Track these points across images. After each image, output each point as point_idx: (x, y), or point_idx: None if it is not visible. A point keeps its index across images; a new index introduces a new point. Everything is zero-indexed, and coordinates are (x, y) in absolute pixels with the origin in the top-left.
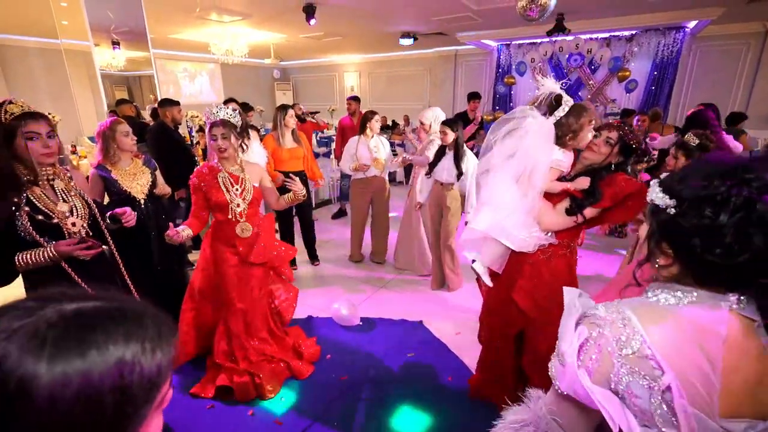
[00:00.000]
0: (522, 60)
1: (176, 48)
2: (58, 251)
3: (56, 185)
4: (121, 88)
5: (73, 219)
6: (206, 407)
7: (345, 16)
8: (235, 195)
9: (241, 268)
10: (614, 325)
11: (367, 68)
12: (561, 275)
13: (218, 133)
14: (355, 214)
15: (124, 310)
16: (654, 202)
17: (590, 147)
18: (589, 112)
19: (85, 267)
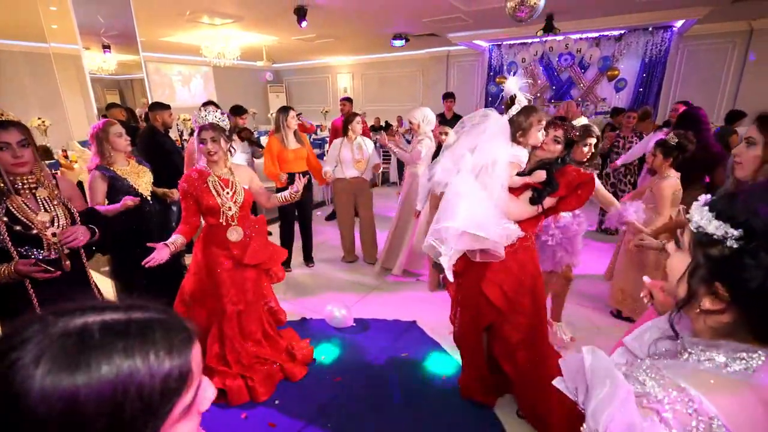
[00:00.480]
0: (513, 60)
1: (168, 51)
2: (17, 270)
3: (38, 194)
4: (112, 92)
5: (53, 229)
6: None
7: (336, 18)
8: (226, 198)
9: (235, 271)
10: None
11: (360, 69)
12: (527, 266)
13: (207, 137)
14: (340, 213)
15: (129, 323)
16: (705, 230)
17: (541, 147)
18: (537, 113)
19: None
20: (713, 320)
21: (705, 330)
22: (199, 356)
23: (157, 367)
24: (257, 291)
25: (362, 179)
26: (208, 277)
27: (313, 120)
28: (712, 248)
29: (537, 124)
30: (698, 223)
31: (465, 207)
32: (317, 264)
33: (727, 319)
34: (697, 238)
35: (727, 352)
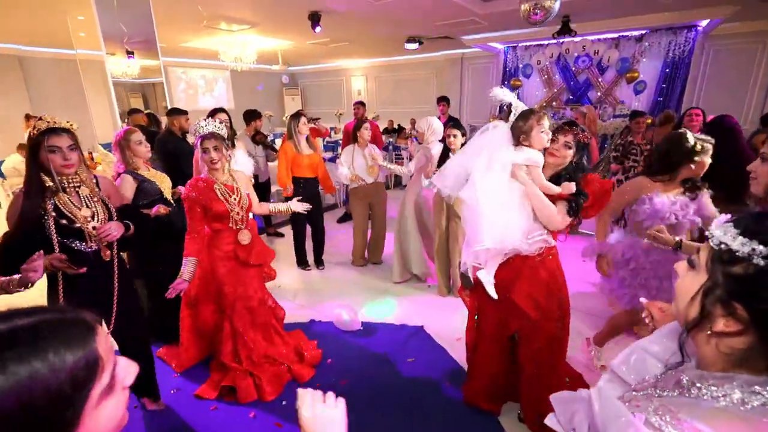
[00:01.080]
0: (528, 62)
1: (189, 56)
2: (51, 263)
3: (81, 192)
4: (136, 96)
5: (94, 223)
6: (210, 408)
7: (350, 23)
8: (234, 204)
9: (238, 271)
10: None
11: (374, 72)
12: (555, 274)
13: (210, 146)
14: (356, 221)
15: (15, 331)
16: (728, 246)
17: (551, 153)
18: (535, 115)
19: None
20: (726, 345)
21: (714, 356)
22: (105, 341)
23: (60, 363)
24: (259, 289)
25: (377, 184)
26: (213, 279)
27: (328, 122)
28: (735, 266)
29: (537, 125)
30: (721, 239)
31: (487, 224)
32: (328, 266)
33: (741, 344)
34: (718, 255)
35: (742, 386)
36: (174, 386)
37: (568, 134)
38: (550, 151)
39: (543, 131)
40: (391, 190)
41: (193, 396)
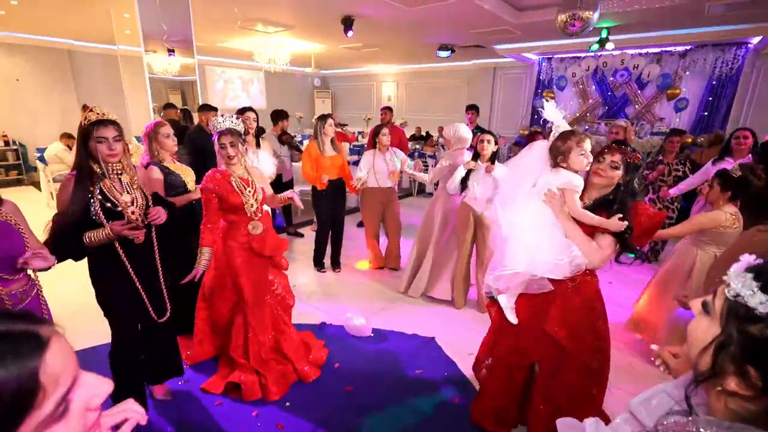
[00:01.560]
0: (563, 74)
1: (226, 56)
2: (113, 230)
3: (123, 179)
4: (175, 93)
5: (133, 208)
6: (215, 403)
7: (382, 28)
8: (249, 196)
9: (251, 263)
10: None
11: (405, 79)
12: (590, 300)
13: (227, 142)
14: (369, 224)
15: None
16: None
17: (596, 172)
18: (575, 136)
19: (131, 250)
20: (736, 404)
21: (724, 413)
22: (59, 360)
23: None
24: (271, 281)
25: (392, 189)
26: (227, 270)
27: (356, 127)
28: (751, 325)
29: (577, 147)
30: (737, 291)
31: (519, 247)
32: (344, 270)
33: (753, 407)
34: (733, 309)
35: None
36: (183, 377)
37: (615, 154)
38: (595, 170)
39: (582, 153)
40: (414, 197)
41: (200, 389)
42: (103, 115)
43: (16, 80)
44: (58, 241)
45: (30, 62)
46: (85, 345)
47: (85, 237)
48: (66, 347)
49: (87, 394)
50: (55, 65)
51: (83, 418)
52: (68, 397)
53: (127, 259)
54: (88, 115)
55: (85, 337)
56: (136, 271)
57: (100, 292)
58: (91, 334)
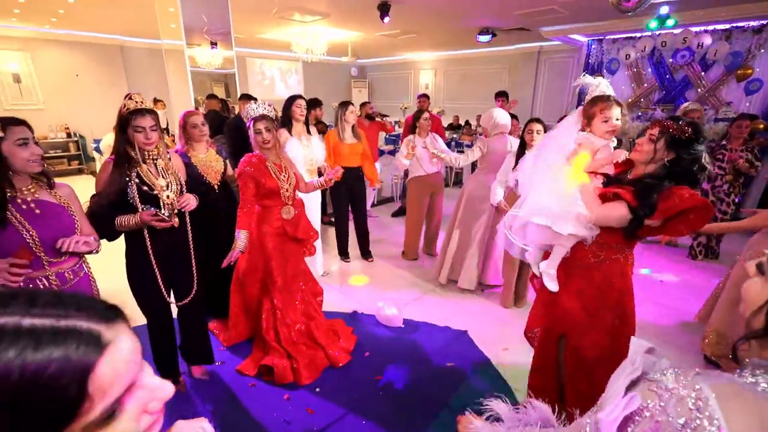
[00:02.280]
0: (615, 57)
1: (265, 47)
2: (142, 219)
3: (158, 164)
4: (219, 85)
5: (168, 192)
6: (248, 385)
7: (420, 13)
8: (283, 181)
9: (285, 247)
10: (683, 403)
11: (443, 66)
12: (613, 279)
13: (262, 127)
14: (412, 212)
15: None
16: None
17: (635, 148)
18: (603, 101)
19: (162, 236)
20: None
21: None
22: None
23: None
24: (300, 263)
25: (439, 174)
26: (260, 253)
27: (392, 116)
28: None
29: (600, 114)
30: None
31: (532, 197)
32: (377, 259)
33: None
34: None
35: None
36: (220, 358)
37: (655, 127)
38: (636, 145)
39: (606, 120)
40: (450, 187)
41: (235, 370)
42: (142, 103)
43: (76, 75)
44: (93, 221)
45: (88, 58)
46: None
47: (117, 219)
48: (127, 347)
49: (145, 398)
50: (109, 60)
51: (136, 422)
52: (122, 399)
53: (156, 245)
54: (128, 103)
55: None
56: (164, 257)
57: (128, 274)
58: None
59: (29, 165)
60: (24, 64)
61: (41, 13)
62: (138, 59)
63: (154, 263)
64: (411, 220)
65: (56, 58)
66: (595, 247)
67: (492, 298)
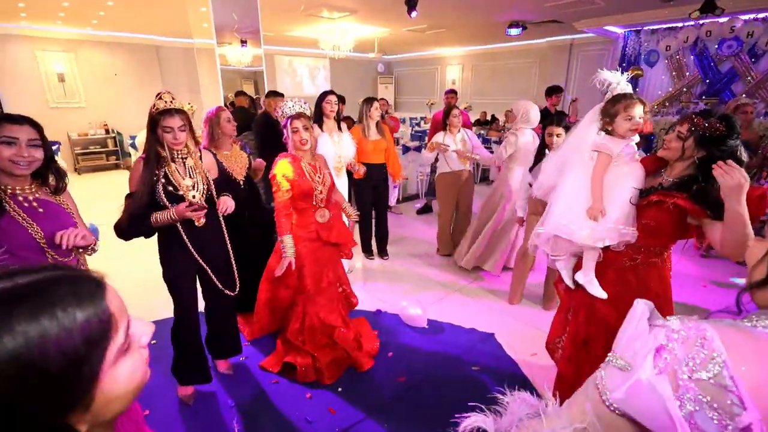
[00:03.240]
0: (654, 48)
1: (293, 45)
2: (177, 212)
3: (187, 163)
4: (248, 83)
5: (194, 192)
6: (272, 381)
7: (448, 7)
8: (318, 183)
9: (316, 251)
10: (688, 343)
11: (471, 61)
12: (650, 283)
13: (300, 126)
14: (443, 208)
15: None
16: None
17: (664, 146)
18: (626, 99)
19: (196, 231)
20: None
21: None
22: (117, 299)
23: (71, 320)
24: (335, 269)
25: (468, 171)
26: (295, 258)
27: (418, 112)
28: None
29: (623, 112)
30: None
31: (557, 210)
32: (400, 257)
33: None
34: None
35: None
36: (243, 354)
37: (684, 124)
38: (664, 143)
39: (629, 119)
40: (477, 184)
41: (259, 366)
42: (171, 103)
43: (115, 75)
44: (130, 220)
45: (126, 58)
46: (159, 317)
47: (152, 216)
48: (113, 288)
49: (138, 332)
50: (145, 60)
51: (139, 353)
52: (128, 331)
53: (191, 240)
54: (157, 103)
55: (158, 310)
56: (201, 251)
57: (165, 270)
58: (153, 309)
59: (11, 166)
60: (68, 64)
61: (84, 15)
62: (172, 59)
63: (197, 256)
64: (443, 217)
65: (97, 59)
66: (632, 250)
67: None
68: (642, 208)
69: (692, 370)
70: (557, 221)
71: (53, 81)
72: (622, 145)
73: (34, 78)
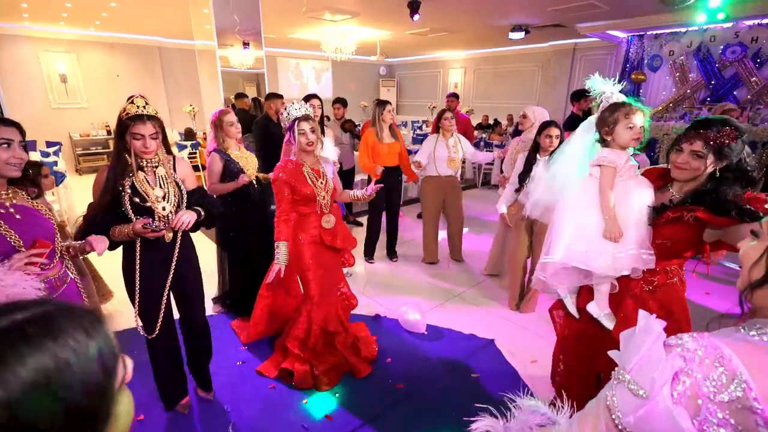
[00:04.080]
0: (657, 53)
1: (295, 47)
2: (134, 229)
3: (158, 172)
4: (251, 84)
5: (164, 204)
6: (268, 386)
7: (451, 11)
8: (320, 188)
9: (322, 256)
10: (705, 364)
11: (473, 64)
12: (668, 304)
13: (307, 128)
14: (427, 214)
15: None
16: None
17: (677, 166)
18: (625, 107)
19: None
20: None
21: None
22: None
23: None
24: (337, 274)
25: (454, 178)
26: (296, 262)
27: (420, 116)
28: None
29: (624, 119)
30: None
31: (564, 235)
32: (401, 262)
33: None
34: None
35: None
36: (240, 358)
37: (695, 141)
38: (677, 164)
39: (630, 127)
40: (479, 188)
41: (255, 371)
42: (144, 108)
43: (117, 76)
44: (89, 230)
45: (128, 59)
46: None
47: (111, 230)
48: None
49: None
50: (147, 61)
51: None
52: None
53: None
54: (128, 107)
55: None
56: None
57: (125, 282)
58: None
59: (6, 168)
60: (70, 65)
61: (86, 16)
62: (174, 60)
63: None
64: (427, 221)
65: (99, 60)
66: (648, 273)
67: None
68: (656, 227)
69: (714, 392)
70: (570, 249)
71: (55, 81)
72: (626, 157)
73: (36, 78)
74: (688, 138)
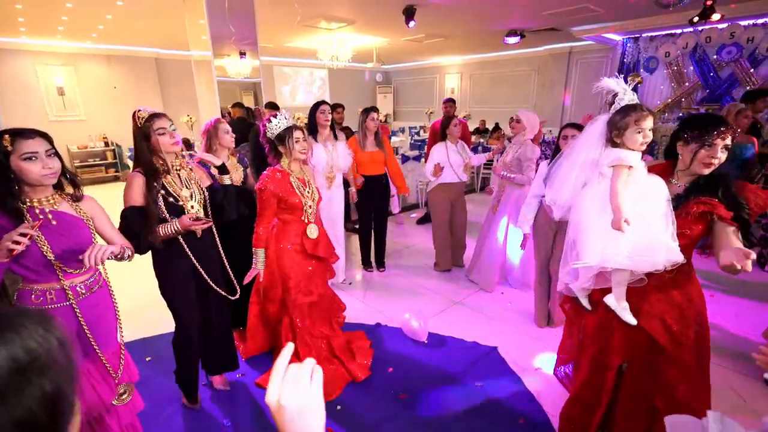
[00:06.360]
0: (653, 55)
1: (292, 56)
2: (182, 224)
3: (182, 174)
4: (248, 94)
5: (192, 203)
6: None
7: (446, 16)
8: (307, 197)
9: (303, 265)
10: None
11: (469, 69)
12: (690, 294)
13: (300, 136)
14: (438, 221)
15: None
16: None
17: (709, 163)
18: (636, 112)
19: (194, 243)
20: None
21: None
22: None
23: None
24: (321, 284)
25: (462, 183)
26: (279, 270)
27: (417, 122)
28: None
29: (634, 125)
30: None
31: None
32: (401, 269)
33: None
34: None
35: None
36: (240, 371)
37: (727, 135)
38: (705, 158)
39: (640, 132)
40: (477, 193)
41: (254, 383)
42: (154, 111)
43: (114, 88)
44: (130, 236)
45: (125, 71)
46: (153, 333)
47: (159, 230)
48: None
49: None
50: (145, 73)
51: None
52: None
53: (192, 252)
54: (139, 114)
55: (153, 326)
56: (200, 263)
57: (163, 284)
58: (157, 324)
59: (43, 179)
60: (68, 77)
61: (83, 29)
62: (171, 70)
63: (199, 267)
64: (437, 231)
65: (96, 72)
66: None
67: (523, 313)
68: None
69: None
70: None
71: (53, 94)
72: (639, 157)
73: (33, 92)
74: (721, 134)
